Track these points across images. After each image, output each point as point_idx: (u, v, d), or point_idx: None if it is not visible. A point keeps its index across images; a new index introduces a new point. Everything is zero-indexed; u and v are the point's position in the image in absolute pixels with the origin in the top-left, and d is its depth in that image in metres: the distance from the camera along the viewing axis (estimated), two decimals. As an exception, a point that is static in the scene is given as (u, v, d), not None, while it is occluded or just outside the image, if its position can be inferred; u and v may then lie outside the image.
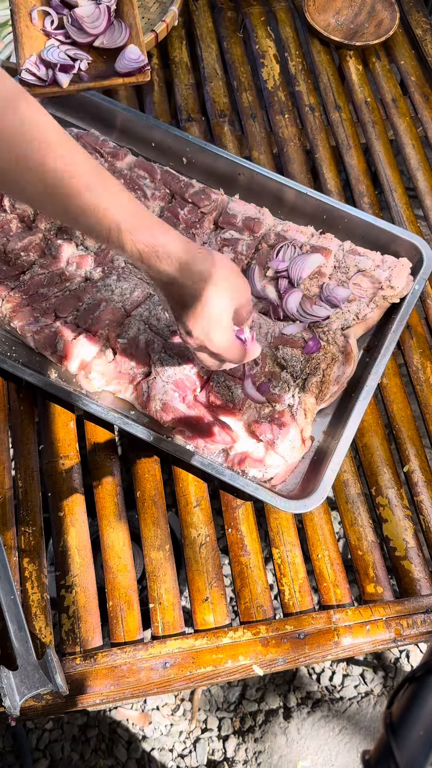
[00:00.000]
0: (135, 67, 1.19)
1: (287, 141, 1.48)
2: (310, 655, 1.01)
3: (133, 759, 1.63)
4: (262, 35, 1.62)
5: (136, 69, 1.20)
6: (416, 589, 1.08)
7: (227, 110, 1.52)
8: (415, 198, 1.47)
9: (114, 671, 0.98)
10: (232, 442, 1.09)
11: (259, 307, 1.22)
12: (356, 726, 1.69)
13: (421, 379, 1.24)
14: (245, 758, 1.64)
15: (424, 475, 1.16)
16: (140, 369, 1.14)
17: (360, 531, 1.11)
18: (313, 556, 1.09)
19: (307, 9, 1.62)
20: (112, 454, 1.14)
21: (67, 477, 1.12)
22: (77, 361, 1.13)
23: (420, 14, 1.69)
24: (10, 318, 1.16)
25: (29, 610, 1.02)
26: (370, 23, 1.64)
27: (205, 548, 1.08)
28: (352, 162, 1.47)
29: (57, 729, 1.65)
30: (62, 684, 0.93)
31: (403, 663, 1.77)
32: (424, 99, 1.57)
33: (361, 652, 1.03)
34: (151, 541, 1.08)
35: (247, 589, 1.06)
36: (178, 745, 1.66)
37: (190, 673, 0.99)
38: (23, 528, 1.07)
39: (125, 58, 1.20)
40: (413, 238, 1.26)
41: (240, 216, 1.28)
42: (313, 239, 1.27)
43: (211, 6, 1.66)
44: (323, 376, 1.13)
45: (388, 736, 0.58)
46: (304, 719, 1.68)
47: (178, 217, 1.27)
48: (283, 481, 1.11)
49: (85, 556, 1.06)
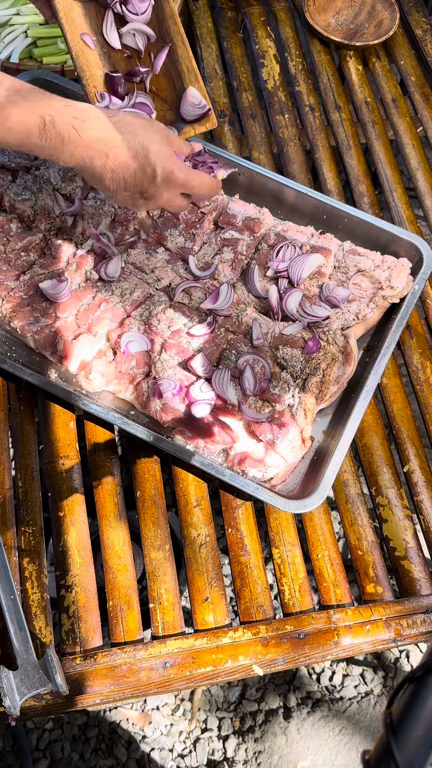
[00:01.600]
0: (199, 113, 1.16)
1: (287, 141, 1.48)
2: (310, 655, 1.01)
3: (133, 759, 1.63)
4: (262, 35, 1.62)
5: (201, 115, 1.17)
6: (416, 589, 1.08)
7: (227, 110, 1.52)
8: (415, 198, 1.47)
9: (114, 671, 0.98)
10: (232, 442, 1.09)
11: (260, 307, 1.22)
12: (356, 726, 1.69)
13: (421, 379, 1.24)
14: (245, 758, 1.64)
15: (424, 475, 1.16)
16: (140, 369, 1.14)
17: (360, 531, 1.11)
18: (313, 556, 1.09)
19: (307, 9, 1.62)
20: (112, 454, 1.14)
21: (67, 477, 1.12)
22: (77, 361, 1.13)
23: (420, 14, 1.69)
24: (10, 318, 1.16)
25: (29, 610, 1.02)
26: (370, 23, 1.64)
27: (205, 548, 1.08)
28: (352, 162, 1.47)
29: (57, 729, 1.65)
30: (62, 684, 0.93)
31: (403, 663, 1.77)
32: (424, 99, 1.57)
33: (361, 652, 1.03)
34: (151, 541, 1.08)
35: (247, 589, 1.06)
36: (178, 745, 1.66)
37: (190, 673, 0.99)
38: (23, 528, 1.08)
39: (188, 103, 1.16)
40: (413, 238, 1.26)
41: (240, 216, 1.28)
42: (313, 239, 1.27)
43: (211, 6, 1.66)
44: (323, 376, 1.13)
45: (388, 736, 0.58)
46: (304, 719, 1.68)
47: (178, 217, 1.27)
48: (283, 481, 1.11)
49: (85, 556, 1.06)
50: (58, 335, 1.14)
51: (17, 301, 1.17)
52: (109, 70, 1.17)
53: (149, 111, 1.16)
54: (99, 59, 1.17)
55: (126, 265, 1.23)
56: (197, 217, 1.27)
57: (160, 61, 1.17)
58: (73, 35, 1.14)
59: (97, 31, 1.16)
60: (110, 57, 1.18)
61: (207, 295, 1.20)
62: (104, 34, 1.16)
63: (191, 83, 1.16)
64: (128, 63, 1.18)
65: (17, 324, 1.16)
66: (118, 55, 1.18)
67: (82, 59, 1.15)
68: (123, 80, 1.16)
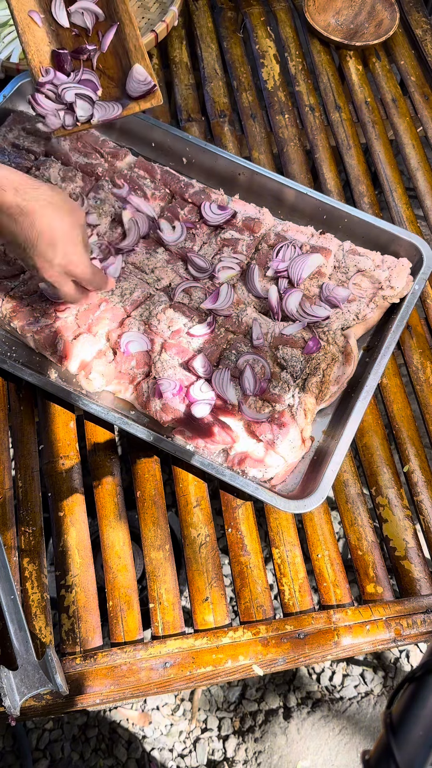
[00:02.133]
0: (145, 89, 1.16)
1: (287, 141, 1.48)
2: (310, 655, 1.01)
3: (133, 759, 1.63)
4: (262, 35, 1.62)
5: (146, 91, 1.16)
6: (416, 589, 1.08)
7: (227, 110, 1.52)
8: (415, 198, 1.47)
9: (114, 671, 0.98)
10: (232, 442, 1.09)
11: (260, 307, 1.22)
12: (356, 726, 1.69)
13: (421, 379, 1.24)
14: (245, 758, 1.64)
15: (424, 475, 1.16)
16: (140, 369, 1.14)
17: (360, 531, 1.11)
18: (313, 556, 1.09)
19: (307, 9, 1.62)
20: (112, 454, 1.14)
21: (67, 477, 1.12)
22: (77, 361, 1.13)
23: (420, 14, 1.69)
24: (10, 318, 1.16)
25: (29, 610, 1.02)
26: (370, 23, 1.64)
27: (205, 548, 1.08)
28: (352, 162, 1.47)
29: (57, 729, 1.65)
30: (62, 684, 0.93)
31: (403, 663, 1.77)
32: (424, 99, 1.57)
33: (361, 652, 1.03)
34: (151, 541, 1.08)
35: (247, 589, 1.06)
36: (178, 745, 1.66)
37: (190, 673, 0.99)
38: (23, 528, 1.08)
39: (133, 80, 1.16)
40: (413, 238, 1.26)
41: (240, 216, 1.28)
42: (313, 239, 1.27)
43: (211, 6, 1.66)
44: (323, 376, 1.13)
45: (388, 736, 0.58)
46: (304, 719, 1.68)
47: (178, 217, 1.27)
48: (283, 481, 1.11)
49: (85, 556, 1.06)
50: (58, 335, 1.14)
51: (17, 301, 1.17)
52: (56, 47, 1.18)
53: (95, 87, 1.17)
54: (46, 36, 1.18)
55: (126, 265, 1.23)
56: (197, 217, 1.28)
57: (108, 39, 1.18)
58: (21, 12, 1.15)
59: (46, 9, 1.17)
60: (58, 35, 1.18)
61: (207, 295, 1.20)
62: (53, 13, 1.17)
63: (138, 60, 1.16)
64: (76, 41, 1.19)
65: (17, 324, 1.16)
66: (66, 33, 1.19)
67: (28, 35, 1.16)
68: (69, 57, 1.17)
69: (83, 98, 1.15)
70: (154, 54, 1.57)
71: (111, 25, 1.17)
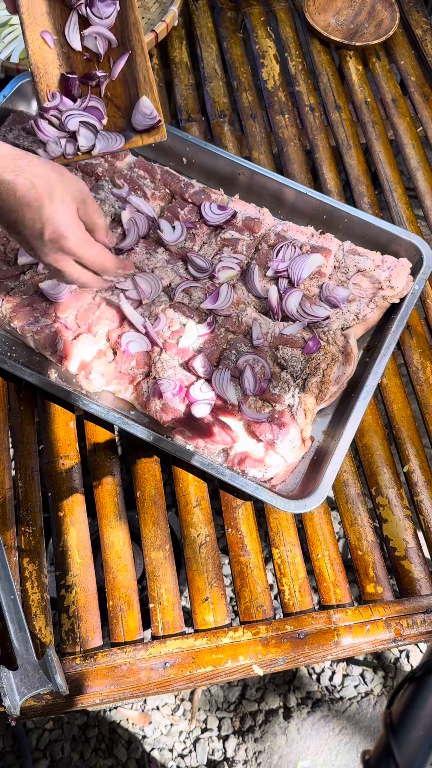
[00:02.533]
0: (150, 123, 1.13)
1: (287, 141, 1.48)
2: (310, 655, 1.01)
3: (133, 759, 1.63)
4: (262, 35, 1.62)
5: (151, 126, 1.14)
6: (416, 589, 1.08)
7: (227, 110, 1.52)
8: (415, 198, 1.47)
9: (114, 671, 0.98)
10: (232, 442, 1.09)
11: (260, 307, 1.22)
12: (356, 726, 1.69)
13: (421, 379, 1.24)
14: (245, 758, 1.64)
15: (424, 475, 1.16)
16: (140, 369, 1.14)
17: (360, 531, 1.11)
18: (313, 556, 1.09)
19: (307, 9, 1.62)
20: (112, 454, 1.14)
21: (67, 477, 1.12)
22: (77, 361, 1.13)
23: (420, 14, 1.69)
24: (10, 318, 1.16)
25: (29, 610, 1.02)
26: (370, 23, 1.64)
27: (205, 548, 1.08)
28: (352, 162, 1.47)
29: (57, 729, 1.65)
30: (62, 684, 0.93)
31: (403, 663, 1.77)
32: (424, 99, 1.57)
33: (361, 652, 1.03)
34: (151, 541, 1.08)
35: (247, 589, 1.06)
36: (178, 745, 1.66)
37: (190, 673, 0.99)
38: (23, 528, 1.08)
39: (140, 112, 1.14)
40: (413, 238, 1.26)
41: (240, 216, 1.28)
42: (313, 239, 1.27)
43: (211, 6, 1.66)
44: (323, 376, 1.13)
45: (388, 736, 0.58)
46: (304, 719, 1.68)
47: (178, 217, 1.27)
48: (283, 481, 1.11)
49: (85, 556, 1.06)
50: (58, 335, 1.14)
51: (17, 301, 1.17)
52: (66, 70, 1.16)
53: (100, 116, 1.15)
54: (57, 58, 1.16)
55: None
56: (197, 217, 1.28)
57: (119, 67, 1.16)
58: (33, 32, 1.14)
59: (59, 31, 1.16)
60: (69, 58, 1.17)
61: (207, 295, 1.20)
62: (66, 35, 1.16)
63: (146, 93, 1.14)
64: (87, 66, 1.18)
65: (17, 324, 1.16)
66: (77, 56, 1.17)
67: (38, 56, 1.14)
68: (78, 82, 1.15)
69: (87, 127, 1.13)
70: (154, 54, 1.57)
71: (123, 53, 1.16)
